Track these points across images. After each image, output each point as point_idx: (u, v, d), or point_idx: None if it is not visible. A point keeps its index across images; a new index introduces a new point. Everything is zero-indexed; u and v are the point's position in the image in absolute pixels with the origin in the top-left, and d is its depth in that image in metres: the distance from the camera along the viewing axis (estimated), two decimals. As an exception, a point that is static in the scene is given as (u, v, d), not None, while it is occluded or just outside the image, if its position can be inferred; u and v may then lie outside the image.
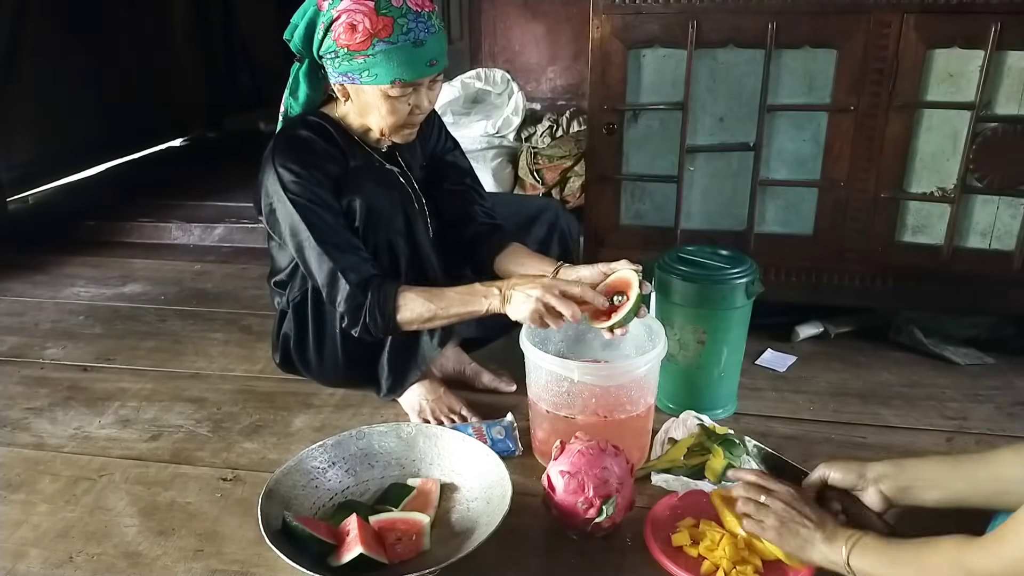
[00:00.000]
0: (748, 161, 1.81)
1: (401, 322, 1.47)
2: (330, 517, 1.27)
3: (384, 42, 1.39)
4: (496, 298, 1.40)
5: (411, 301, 1.45)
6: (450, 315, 1.45)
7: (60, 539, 1.30)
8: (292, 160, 1.49)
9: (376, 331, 1.49)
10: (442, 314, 1.45)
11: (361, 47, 1.40)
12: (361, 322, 1.48)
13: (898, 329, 1.96)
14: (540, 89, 3.96)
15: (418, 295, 1.46)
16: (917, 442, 1.55)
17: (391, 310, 1.45)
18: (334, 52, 1.43)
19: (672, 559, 1.19)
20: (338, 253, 1.47)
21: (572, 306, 1.31)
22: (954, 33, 1.63)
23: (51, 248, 2.82)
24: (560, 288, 1.34)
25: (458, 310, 1.44)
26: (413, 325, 1.48)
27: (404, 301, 1.46)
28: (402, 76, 1.42)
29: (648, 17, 1.75)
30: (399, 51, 1.40)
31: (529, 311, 1.34)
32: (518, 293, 1.36)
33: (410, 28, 1.39)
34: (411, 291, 1.47)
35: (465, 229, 1.69)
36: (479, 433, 1.51)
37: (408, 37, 1.39)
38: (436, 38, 1.43)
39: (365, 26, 1.38)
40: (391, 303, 1.45)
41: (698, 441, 1.42)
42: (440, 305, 1.44)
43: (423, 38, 1.41)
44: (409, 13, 1.39)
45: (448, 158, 1.75)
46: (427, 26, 1.41)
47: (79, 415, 1.69)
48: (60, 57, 3.45)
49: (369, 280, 1.47)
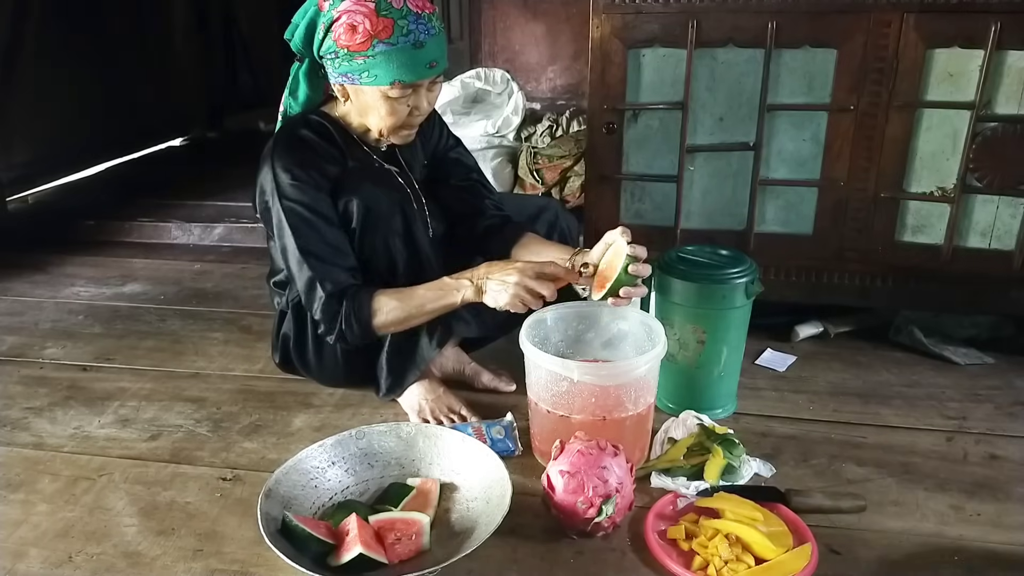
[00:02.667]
0: (748, 161, 1.81)
1: (377, 327, 1.50)
2: (330, 517, 1.27)
3: (384, 43, 1.39)
4: (468, 289, 1.44)
5: (384, 305, 1.49)
6: (425, 312, 1.49)
7: (60, 539, 1.30)
8: (290, 162, 1.49)
9: (352, 338, 1.52)
10: (416, 312, 1.48)
11: (361, 48, 1.40)
12: (337, 330, 1.51)
13: (898, 329, 1.96)
14: (540, 89, 3.96)
15: (391, 298, 1.49)
16: (917, 442, 1.55)
17: (366, 316, 1.49)
18: (334, 52, 1.44)
19: (664, 551, 1.21)
20: (317, 262, 1.49)
21: (549, 286, 1.37)
22: (954, 33, 1.63)
23: (51, 248, 2.82)
24: (535, 270, 1.37)
25: (432, 306, 1.47)
26: (391, 328, 1.52)
27: (378, 306, 1.49)
28: (402, 77, 1.42)
29: (648, 17, 1.75)
30: (399, 52, 1.40)
31: (509, 297, 1.38)
32: (493, 282, 1.40)
33: (410, 30, 1.39)
34: (384, 295, 1.49)
35: (476, 223, 1.70)
36: (479, 433, 1.51)
37: (408, 39, 1.40)
38: (436, 40, 1.44)
39: (365, 27, 1.38)
40: (365, 309, 1.49)
41: (698, 441, 1.42)
42: (414, 304, 1.48)
43: (423, 40, 1.41)
44: (410, 15, 1.39)
45: (452, 155, 1.75)
46: (427, 28, 1.41)
47: (79, 415, 1.69)
48: (60, 57, 3.44)
49: (345, 290, 1.50)
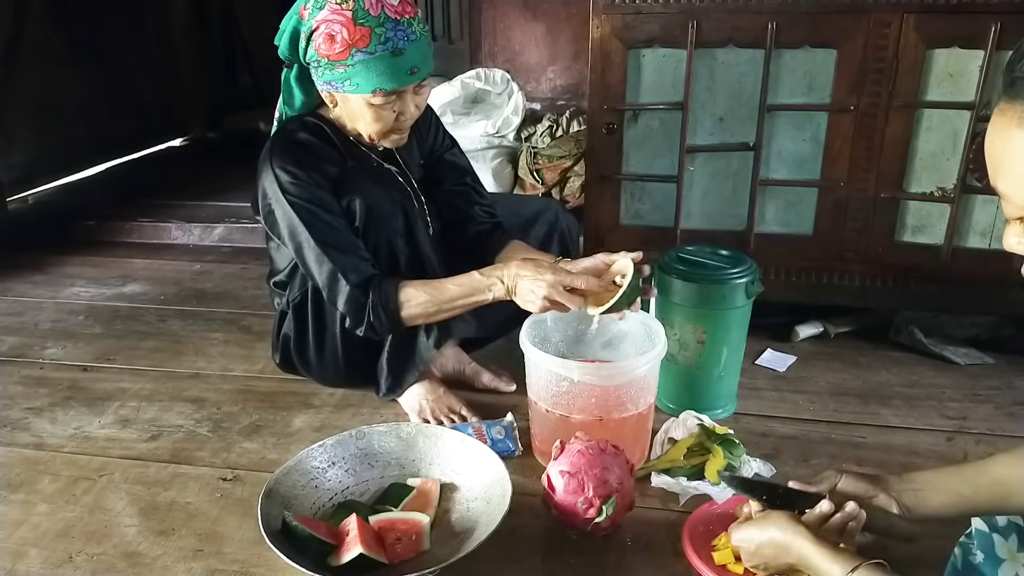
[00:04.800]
0: (748, 161, 1.81)
1: (405, 318, 1.48)
2: (330, 517, 1.27)
3: (362, 52, 1.38)
4: (500, 288, 1.43)
5: (414, 297, 1.47)
6: (455, 307, 1.47)
7: (60, 539, 1.30)
8: (290, 162, 1.48)
9: (382, 329, 1.50)
10: (447, 307, 1.47)
11: (340, 57, 1.39)
12: (365, 321, 1.49)
13: (898, 329, 1.96)
14: (540, 89, 3.95)
15: (420, 290, 1.47)
16: (917, 442, 1.55)
17: (394, 308, 1.47)
18: (316, 61, 1.44)
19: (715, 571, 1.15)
20: (337, 254, 1.47)
21: (577, 300, 1.36)
22: (954, 33, 1.63)
23: (51, 248, 2.82)
24: (565, 283, 1.36)
25: (462, 302, 1.46)
26: (418, 320, 1.50)
27: (407, 297, 1.47)
28: (383, 86, 1.41)
29: (648, 17, 1.75)
30: (378, 61, 1.39)
31: (538, 305, 1.38)
32: (524, 286, 1.39)
33: (388, 37, 1.38)
34: (412, 286, 1.48)
35: (466, 229, 1.69)
36: (479, 433, 1.51)
37: (387, 47, 1.38)
38: (417, 45, 1.41)
39: (343, 36, 1.37)
40: (393, 300, 1.47)
41: (698, 441, 1.42)
42: (444, 298, 1.46)
43: (402, 47, 1.39)
44: (387, 22, 1.37)
45: (447, 157, 1.75)
46: (406, 34, 1.39)
47: (79, 415, 1.69)
48: (60, 57, 3.44)
49: (370, 280, 1.48)
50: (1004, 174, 0.80)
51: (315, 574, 1.09)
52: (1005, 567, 0.95)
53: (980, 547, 0.98)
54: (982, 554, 0.98)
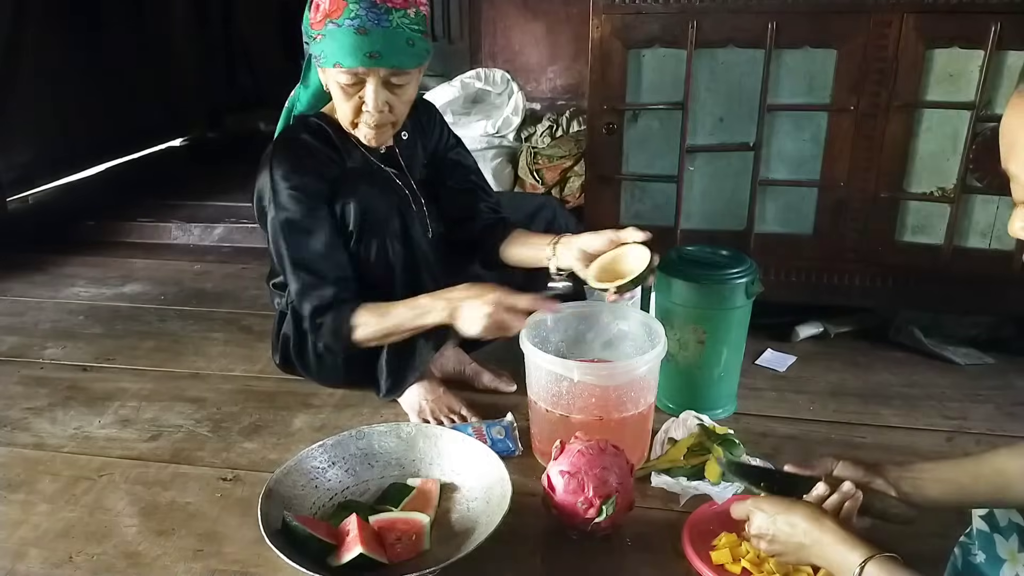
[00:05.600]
0: (748, 161, 1.81)
1: (357, 341, 1.53)
2: (330, 517, 1.27)
3: (332, 23, 1.39)
4: (440, 313, 1.45)
5: (365, 323, 1.51)
6: (405, 330, 1.51)
7: (60, 539, 1.30)
8: (289, 168, 1.50)
9: (335, 349, 1.59)
10: (395, 330, 1.51)
11: (317, 27, 1.42)
12: (322, 340, 1.57)
13: (898, 329, 1.96)
14: (540, 89, 3.95)
15: (371, 315, 1.51)
16: (917, 442, 1.55)
17: (346, 332, 1.52)
18: (306, 32, 1.47)
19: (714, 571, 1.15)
20: (306, 275, 1.52)
21: (521, 319, 1.40)
22: (954, 33, 1.63)
23: (51, 248, 2.82)
24: (507, 303, 1.39)
25: (410, 325, 1.49)
26: (372, 342, 1.54)
27: (358, 322, 1.51)
28: (341, 60, 1.40)
29: (648, 17, 1.75)
30: (341, 34, 1.39)
31: (482, 328, 1.40)
32: (465, 309, 1.41)
33: (358, 15, 1.37)
34: (366, 311, 1.51)
35: (472, 227, 1.70)
36: (479, 433, 1.51)
37: (354, 23, 1.37)
38: (386, 33, 1.39)
39: (324, 6, 1.40)
40: (346, 325, 1.51)
41: (698, 441, 1.42)
42: (391, 323, 1.50)
43: (368, 27, 1.37)
44: (364, 1, 1.37)
45: (452, 156, 1.75)
46: (379, 17, 1.38)
47: (79, 415, 1.69)
48: (60, 57, 3.44)
49: (329, 304, 1.52)
50: (1016, 156, 0.83)
51: (315, 574, 1.09)
52: (1006, 568, 0.95)
53: (981, 547, 0.98)
54: (983, 554, 0.98)
